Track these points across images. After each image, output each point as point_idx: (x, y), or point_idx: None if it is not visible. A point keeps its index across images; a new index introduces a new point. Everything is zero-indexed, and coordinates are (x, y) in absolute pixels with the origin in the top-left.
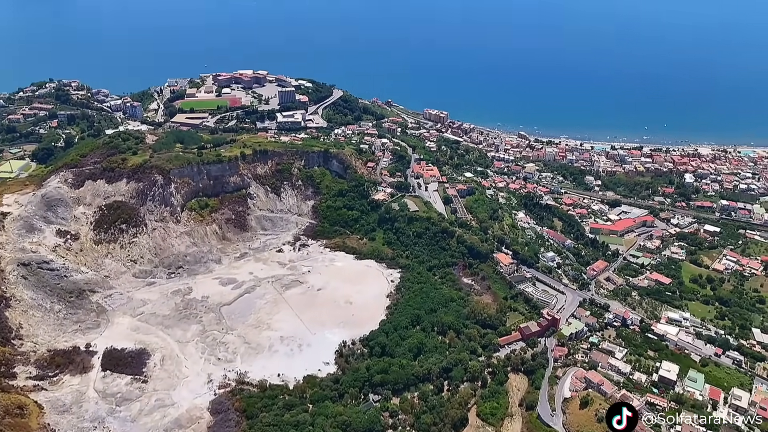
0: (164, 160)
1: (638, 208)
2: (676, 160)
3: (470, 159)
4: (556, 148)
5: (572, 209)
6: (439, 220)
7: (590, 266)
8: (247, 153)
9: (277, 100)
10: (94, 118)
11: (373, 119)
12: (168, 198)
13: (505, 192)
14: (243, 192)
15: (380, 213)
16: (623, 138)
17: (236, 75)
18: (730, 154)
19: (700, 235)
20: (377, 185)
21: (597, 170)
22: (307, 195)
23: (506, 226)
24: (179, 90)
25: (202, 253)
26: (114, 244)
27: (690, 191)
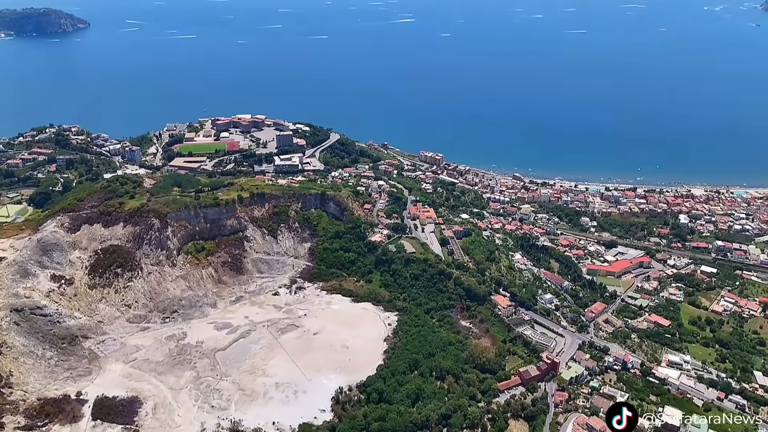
0: (161, 204)
1: (634, 249)
2: (670, 201)
3: (466, 200)
4: (550, 190)
5: (569, 250)
6: (436, 262)
7: (588, 308)
8: (245, 196)
9: (275, 144)
10: (93, 163)
11: (370, 162)
12: (164, 242)
13: (502, 233)
14: (240, 235)
15: (377, 255)
16: (617, 179)
17: (235, 119)
18: (723, 194)
19: (697, 276)
20: (374, 227)
21: (592, 211)
22: (303, 237)
23: (503, 268)
24: (178, 134)
25: (198, 297)
26: (108, 289)
27: (685, 232)
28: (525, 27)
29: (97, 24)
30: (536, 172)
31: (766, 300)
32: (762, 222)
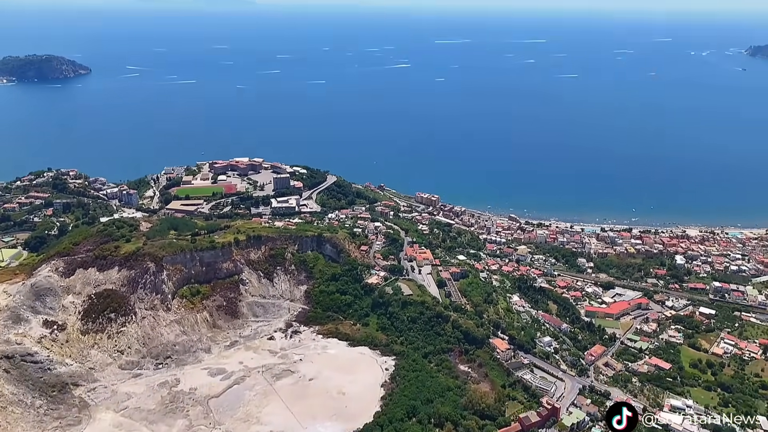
0: (157, 248)
1: (632, 290)
2: (665, 242)
3: (462, 241)
4: (546, 231)
5: (566, 292)
6: (434, 304)
7: (588, 351)
8: (241, 239)
9: (272, 187)
10: (90, 206)
11: (366, 203)
12: (159, 285)
13: (499, 275)
14: (235, 278)
15: (374, 297)
16: (612, 220)
17: (232, 162)
18: (718, 235)
19: (696, 318)
20: (371, 269)
21: (589, 252)
22: (300, 280)
23: (501, 310)
24: (176, 177)
25: (192, 342)
26: (101, 334)
27: (682, 273)
28: (518, 72)
29: (98, 70)
30: (532, 213)
31: (766, 342)
32: (758, 262)
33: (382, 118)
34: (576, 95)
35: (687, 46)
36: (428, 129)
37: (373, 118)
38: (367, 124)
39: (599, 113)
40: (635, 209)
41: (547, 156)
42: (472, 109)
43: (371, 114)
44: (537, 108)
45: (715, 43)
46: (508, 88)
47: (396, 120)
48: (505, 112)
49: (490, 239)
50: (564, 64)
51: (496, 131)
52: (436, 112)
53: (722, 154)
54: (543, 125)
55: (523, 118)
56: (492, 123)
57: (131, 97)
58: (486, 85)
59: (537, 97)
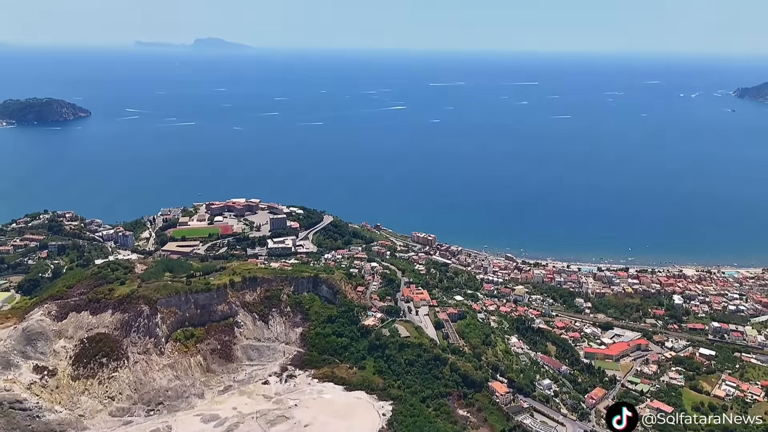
0: (152, 290)
1: (631, 330)
2: (662, 281)
3: (459, 282)
4: (543, 270)
5: (565, 333)
6: (431, 347)
7: (588, 394)
8: (236, 280)
9: (269, 227)
10: (85, 248)
11: (363, 243)
12: (153, 329)
13: (497, 315)
14: (230, 320)
15: (370, 339)
16: (608, 259)
17: (229, 203)
18: (715, 274)
19: (696, 359)
20: (367, 310)
21: (586, 292)
22: (295, 322)
23: (500, 352)
24: (172, 219)
25: (185, 387)
26: (92, 380)
27: (680, 313)
28: (512, 113)
29: (98, 112)
30: (528, 252)
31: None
32: (756, 302)
33: (379, 158)
34: (569, 135)
35: (676, 88)
36: (424, 168)
37: (369, 158)
38: (364, 164)
39: (592, 153)
40: (631, 248)
41: (542, 195)
42: (467, 149)
43: (368, 154)
44: (531, 148)
45: (703, 86)
46: (503, 128)
47: (392, 160)
48: (500, 153)
49: (487, 279)
50: (557, 106)
51: (491, 171)
52: (431, 152)
53: (714, 193)
54: (537, 165)
55: (518, 158)
56: (487, 163)
57: (130, 139)
58: (480, 126)
59: (531, 137)
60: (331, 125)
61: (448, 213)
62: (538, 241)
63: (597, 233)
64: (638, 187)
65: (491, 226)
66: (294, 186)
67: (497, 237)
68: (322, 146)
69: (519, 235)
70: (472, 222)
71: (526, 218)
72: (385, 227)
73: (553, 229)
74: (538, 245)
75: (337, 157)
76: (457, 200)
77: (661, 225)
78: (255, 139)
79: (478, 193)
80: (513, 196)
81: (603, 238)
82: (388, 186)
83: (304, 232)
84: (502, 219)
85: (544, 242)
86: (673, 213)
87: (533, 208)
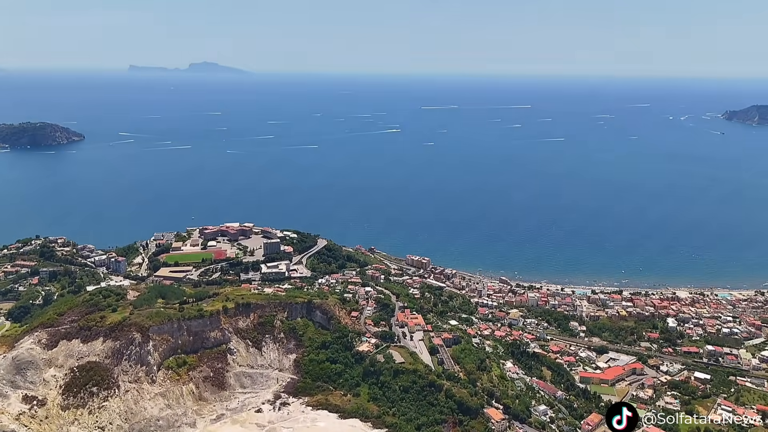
0: (144, 317)
1: (626, 354)
2: (656, 304)
3: (454, 305)
4: (538, 293)
5: (560, 357)
6: (426, 373)
7: (584, 420)
8: (230, 306)
9: (262, 252)
10: (76, 275)
11: (357, 267)
12: (145, 357)
13: (492, 340)
14: (223, 347)
15: (365, 366)
16: (602, 282)
17: (222, 228)
18: (708, 297)
19: (691, 384)
20: (361, 336)
21: (580, 315)
22: (289, 348)
23: (495, 377)
24: (165, 243)
25: (176, 416)
26: (82, 410)
27: (675, 336)
28: (505, 135)
29: (92, 137)
30: (522, 275)
31: (763, 408)
32: (749, 325)
33: (373, 181)
34: (562, 158)
35: (665, 111)
36: (419, 190)
37: (364, 180)
38: (358, 186)
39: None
40: (624, 270)
41: (535, 217)
42: (461, 171)
43: (362, 176)
44: (524, 171)
45: (691, 108)
46: (496, 151)
47: (387, 182)
48: (493, 175)
49: (482, 303)
50: (550, 129)
51: (484, 193)
52: (425, 175)
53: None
54: (530, 187)
55: (511, 180)
56: (480, 185)
57: (124, 163)
58: (474, 148)
59: (524, 160)
60: (326, 148)
61: (442, 235)
62: (532, 264)
63: (590, 256)
64: (629, 209)
65: (485, 249)
66: (288, 209)
67: (491, 260)
68: (316, 169)
69: (513, 258)
70: (467, 244)
71: (521, 240)
72: (379, 250)
73: (547, 251)
74: (532, 268)
75: (332, 181)
76: (451, 222)
77: (654, 247)
78: (250, 163)
79: (473, 215)
80: (507, 218)
81: (596, 261)
82: (383, 208)
83: (298, 256)
84: (496, 241)
85: (538, 264)
86: (664, 235)
87: (527, 229)
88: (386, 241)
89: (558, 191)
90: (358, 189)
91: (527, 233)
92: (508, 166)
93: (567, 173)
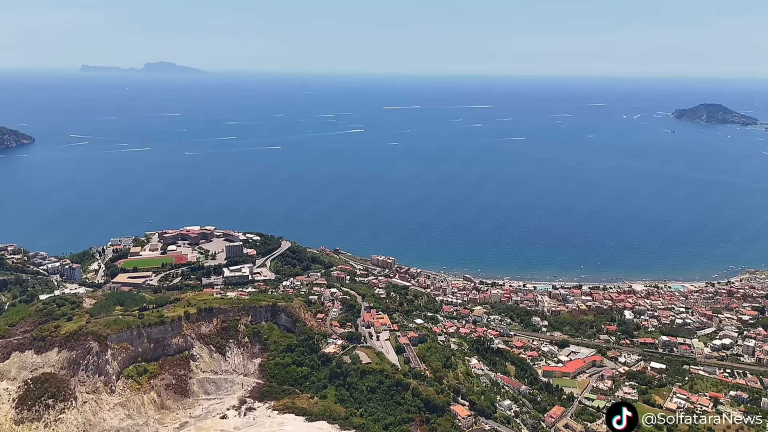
0: (101, 325)
1: (586, 347)
2: (614, 297)
3: (419, 304)
4: (501, 290)
5: (523, 352)
6: (393, 372)
7: (548, 413)
8: (192, 312)
9: (225, 255)
10: (29, 283)
11: (322, 268)
12: (103, 366)
13: (457, 337)
14: (185, 354)
15: (331, 368)
16: (562, 278)
17: (183, 231)
18: (662, 289)
19: (648, 374)
20: (327, 338)
21: (542, 310)
22: (253, 353)
23: (461, 374)
24: (123, 249)
25: (138, 426)
26: (38, 423)
27: (631, 328)
28: (466, 134)
29: (42, 139)
30: (485, 273)
31: (715, 395)
32: (701, 315)
33: (337, 181)
34: (522, 157)
35: (620, 110)
36: (383, 190)
37: (328, 181)
38: (322, 187)
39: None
40: (583, 266)
41: (497, 215)
42: (424, 171)
43: (326, 177)
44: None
45: (643, 107)
46: (458, 150)
47: (350, 183)
48: (455, 174)
49: (447, 301)
50: (510, 128)
51: (447, 192)
52: (389, 174)
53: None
54: (492, 185)
55: (473, 178)
56: (444, 184)
57: (78, 167)
58: (436, 147)
59: (486, 158)
60: (289, 149)
61: (406, 235)
62: (494, 261)
63: (551, 252)
64: (589, 206)
65: (449, 247)
66: (250, 211)
67: (455, 258)
68: (279, 170)
69: (476, 255)
70: (430, 243)
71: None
72: (344, 251)
73: (509, 248)
74: (494, 265)
75: (295, 182)
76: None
77: (612, 243)
78: (210, 165)
79: (436, 214)
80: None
81: (556, 257)
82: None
83: (262, 258)
84: (459, 239)
85: (500, 262)
86: (620, 230)
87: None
88: (351, 242)
89: (519, 190)
90: (322, 190)
91: (489, 232)
92: (469, 165)
93: (527, 172)
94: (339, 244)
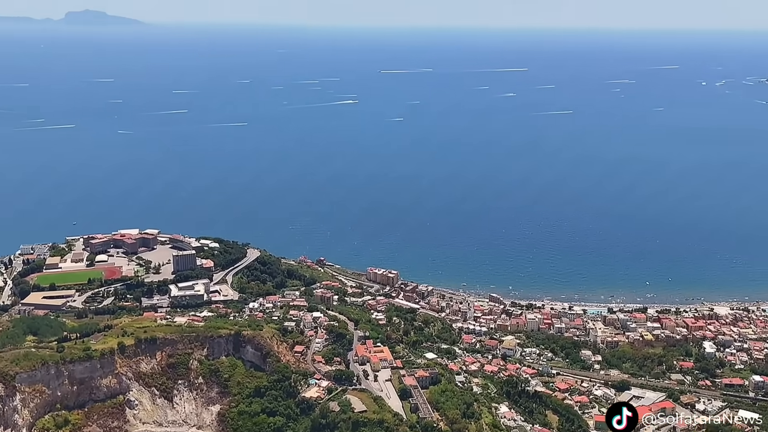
0: (8, 362)
1: (652, 390)
2: (690, 324)
3: (431, 333)
4: (539, 314)
5: (569, 397)
6: (396, 424)
7: None
8: (128, 343)
9: (172, 268)
10: None
11: (301, 285)
12: (10, 416)
13: (481, 377)
14: (120, 399)
15: (314, 417)
16: (621, 297)
17: (116, 237)
18: (754, 313)
19: (734, 425)
20: (309, 377)
21: (594, 341)
22: (210, 398)
23: (486, 427)
24: (37, 259)
25: None
26: None
27: (713, 365)
28: (495, 108)
29: None
30: (519, 291)
31: None
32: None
33: (322, 170)
34: (570, 137)
35: (697, 74)
36: (383, 183)
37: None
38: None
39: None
40: (649, 282)
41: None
42: (439, 156)
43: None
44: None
45: (729, 71)
46: (486, 129)
47: (340, 172)
48: (483, 161)
49: (467, 329)
50: (553, 99)
51: (469, 184)
52: (391, 161)
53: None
54: (529, 176)
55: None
56: (465, 175)
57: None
58: (456, 124)
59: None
60: (259, 126)
61: (414, 242)
62: (531, 277)
63: (606, 264)
64: (655, 206)
65: (471, 259)
66: (207, 211)
67: (479, 272)
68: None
69: (507, 269)
70: (446, 253)
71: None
72: (330, 262)
73: (551, 261)
74: (531, 282)
75: (265, 170)
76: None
77: (685, 252)
78: (151, 147)
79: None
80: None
81: (614, 271)
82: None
83: (221, 272)
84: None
85: (539, 277)
86: (701, 237)
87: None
88: (340, 251)
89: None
90: (302, 182)
91: (525, 238)
92: (500, 150)
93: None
94: (324, 254)
